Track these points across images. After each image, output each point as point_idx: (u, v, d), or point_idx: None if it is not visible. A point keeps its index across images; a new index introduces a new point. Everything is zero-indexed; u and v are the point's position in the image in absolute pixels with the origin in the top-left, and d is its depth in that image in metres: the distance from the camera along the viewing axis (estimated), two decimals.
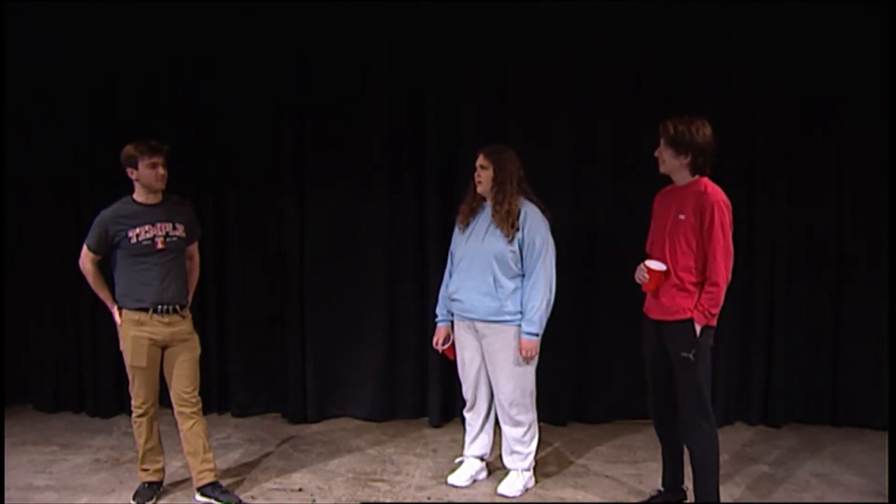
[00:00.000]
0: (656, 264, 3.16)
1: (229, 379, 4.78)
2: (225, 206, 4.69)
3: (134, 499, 3.51)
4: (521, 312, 3.51)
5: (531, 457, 3.65)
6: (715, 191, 3.06)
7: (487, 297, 3.52)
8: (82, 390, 4.81)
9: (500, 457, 3.75)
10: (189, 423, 3.46)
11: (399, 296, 4.65)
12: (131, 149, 3.35)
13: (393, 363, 4.69)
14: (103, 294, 3.47)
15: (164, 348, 3.44)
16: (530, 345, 3.49)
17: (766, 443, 4.33)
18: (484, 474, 3.79)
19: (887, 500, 3.51)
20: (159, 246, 3.38)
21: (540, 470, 3.85)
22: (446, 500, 3.57)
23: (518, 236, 3.49)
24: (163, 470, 3.61)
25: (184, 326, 3.47)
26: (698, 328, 3.06)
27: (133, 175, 3.36)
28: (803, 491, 3.67)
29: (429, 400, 4.63)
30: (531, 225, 3.51)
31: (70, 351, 4.80)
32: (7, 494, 3.59)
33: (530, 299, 3.49)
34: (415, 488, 3.70)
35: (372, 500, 3.57)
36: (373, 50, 4.54)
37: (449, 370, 4.32)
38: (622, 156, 4.51)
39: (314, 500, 3.57)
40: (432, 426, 4.58)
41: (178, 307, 3.44)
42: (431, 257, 4.50)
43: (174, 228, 3.44)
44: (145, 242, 3.35)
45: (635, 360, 4.56)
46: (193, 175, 4.64)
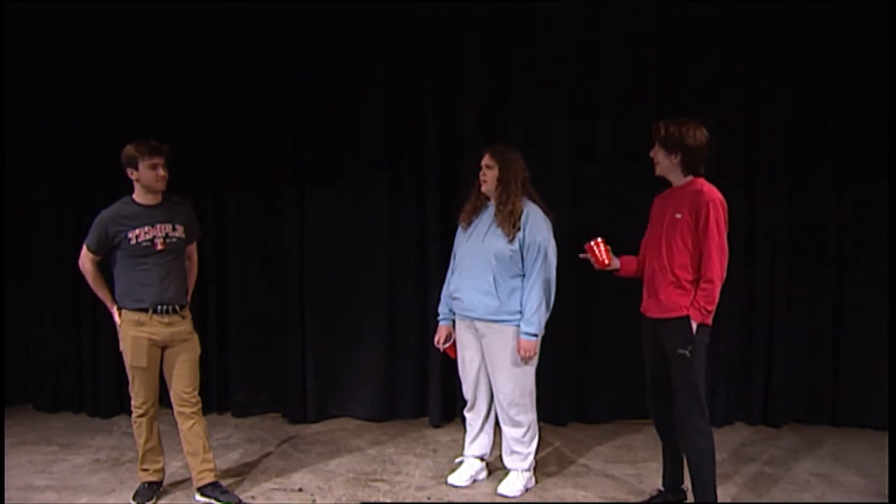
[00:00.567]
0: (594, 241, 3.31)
1: (229, 379, 4.78)
2: (225, 206, 4.69)
3: (134, 499, 3.51)
4: (520, 312, 3.52)
5: (531, 457, 3.65)
6: (710, 190, 3.11)
7: (487, 296, 3.52)
8: (82, 390, 4.81)
9: (500, 457, 3.74)
10: (189, 423, 3.46)
11: (399, 296, 4.65)
12: (131, 149, 3.34)
13: (393, 363, 4.69)
14: (103, 294, 3.47)
15: (163, 348, 3.44)
16: (529, 345, 3.49)
17: (766, 443, 4.33)
18: (484, 474, 3.79)
19: (887, 500, 3.51)
20: (159, 247, 3.38)
21: (540, 470, 3.85)
22: (446, 500, 3.57)
23: (519, 236, 3.49)
24: (163, 470, 3.61)
25: (184, 326, 3.47)
26: (694, 325, 3.09)
27: (133, 175, 3.36)
28: (803, 491, 3.67)
29: (429, 400, 4.63)
30: (533, 226, 3.51)
31: (70, 351, 4.81)
32: (7, 494, 3.59)
33: (529, 300, 3.49)
34: (415, 488, 3.70)
35: (372, 500, 3.57)
36: (373, 50, 4.54)
37: (449, 370, 4.32)
38: (622, 156, 4.50)
39: (314, 500, 3.57)
40: (433, 426, 4.59)
41: (177, 307, 3.44)
42: (431, 257, 4.50)
43: (174, 229, 3.43)
44: (145, 243, 3.35)
45: (635, 360, 4.56)
46: (193, 175, 4.64)
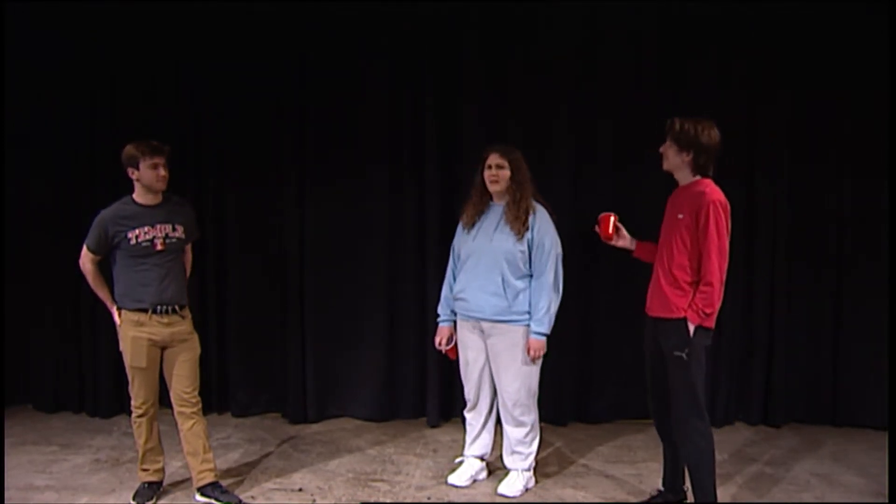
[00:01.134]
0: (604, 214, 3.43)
1: (229, 379, 4.78)
2: (225, 206, 4.69)
3: (134, 499, 3.51)
4: (528, 312, 3.51)
5: (532, 457, 3.65)
6: (713, 191, 3.08)
7: (495, 296, 3.51)
8: (82, 390, 4.81)
9: (500, 457, 3.75)
10: (189, 423, 3.46)
11: (399, 296, 4.65)
12: (132, 149, 3.34)
13: (393, 363, 4.69)
14: (103, 294, 3.47)
15: (163, 349, 3.43)
16: (539, 344, 3.50)
17: (766, 443, 4.33)
18: (484, 474, 3.79)
19: (887, 500, 3.51)
20: (158, 247, 3.38)
21: (540, 470, 3.85)
22: (446, 500, 3.57)
23: (528, 236, 3.49)
24: (163, 470, 3.61)
25: (183, 326, 3.47)
26: (692, 328, 3.07)
27: (134, 175, 3.36)
28: (803, 491, 3.67)
29: (427, 400, 4.62)
30: (541, 226, 3.52)
31: (70, 351, 4.80)
32: (7, 494, 3.59)
33: (540, 299, 3.49)
34: (415, 488, 3.70)
35: (372, 500, 3.57)
36: (373, 50, 4.54)
37: (448, 370, 4.33)
38: (622, 155, 4.51)
39: (314, 500, 3.57)
40: (430, 426, 4.59)
41: (177, 307, 3.44)
42: (431, 257, 4.50)
43: (173, 230, 3.43)
44: (145, 244, 3.35)
45: (636, 360, 4.56)
46: (193, 175, 4.64)
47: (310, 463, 4.03)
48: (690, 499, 3.32)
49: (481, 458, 3.78)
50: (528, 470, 3.67)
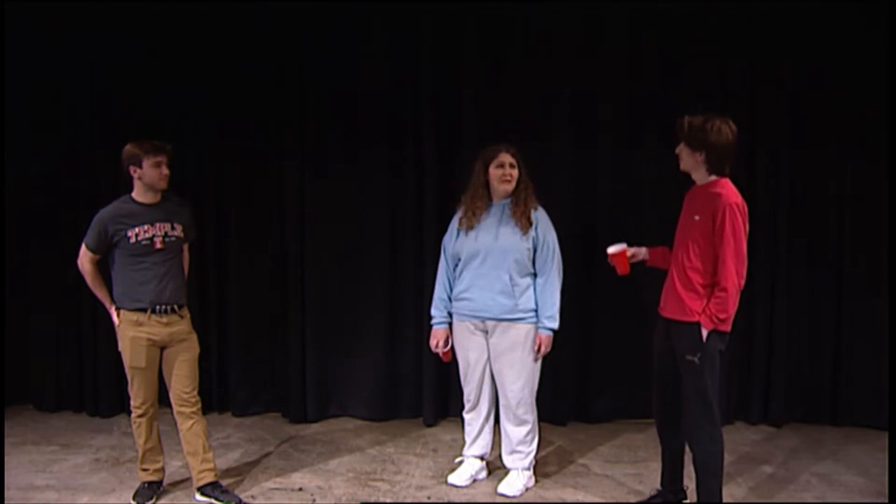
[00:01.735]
0: (614, 247, 3.30)
1: (229, 378, 4.78)
2: (225, 205, 4.68)
3: (134, 499, 3.51)
4: (532, 310, 3.52)
5: (532, 456, 3.65)
6: (730, 193, 3.00)
7: (502, 295, 3.50)
8: (82, 390, 4.81)
9: (499, 456, 3.74)
10: (189, 422, 3.46)
11: (399, 295, 4.65)
12: (135, 147, 3.34)
13: (393, 363, 4.69)
14: (101, 294, 3.47)
15: (162, 348, 3.43)
16: (549, 340, 3.53)
17: (766, 443, 4.33)
18: (484, 474, 3.79)
19: (887, 500, 3.51)
20: (158, 246, 3.38)
21: (540, 470, 3.85)
22: (446, 500, 3.57)
23: (532, 233, 3.51)
24: (163, 470, 3.61)
25: (182, 326, 3.46)
26: (705, 333, 3.03)
27: (136, 174, 3.35)
28: (804, 491, 3.67)
29: (424, 399, 4.62)
30: (544, 224, 3.55)
31: (70, 351, 4.81)
32: (7, 494, 3.59)
33: (551, 295, 3.51)
34: (415, 488, 3.70)
35: (372, 500, 3.56)
36: (372, 48, 4.54)
37: (443, 368, 4.32)
38: (623, 154, 4.50)
39: (314, 500, 3.57)
40: (426, 425, 4.59)
41: (176, 307, 3.43)
42: (431, 257, 4.49)
43: (172, 228, 3.43)
44: (144, 242, 3.35)
45: (636, 360, 4.58)
46: (195, 175, 4.64)
47: (310, 463, 4.03)
48: (691, 498, 3.32)
49: (481, 458, 3.78)
50: (528, 469, 3.67)
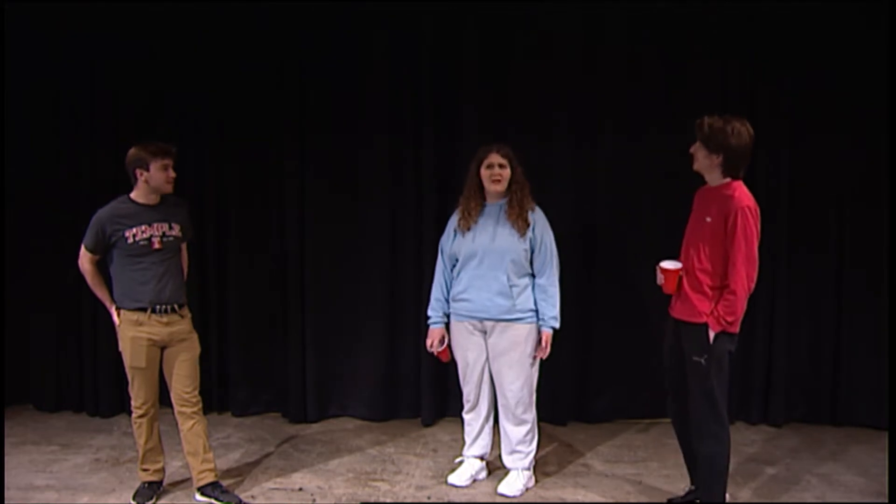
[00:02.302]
0: (670, 263, 3.16)
1: (229, 378, 4.77)
2: (225, 205, 4.68)
3: (134, 499, 3.51)
4: (531, 310, 3.53)
5: (531, 456, 3.66)
6: (742, 196, 2.99)
7: (500, 296, 3.51)
8: (82, 390, 4.81)
9: (499, 456, 3.75)
10: (189, 422, 3.46)
11: (399, 296, 4.65)
12: (141, 150, 3.33)
13: (393, 363, 4.69)
14: (101, 294, 3.47)
15: (163, 348, 3.44)
16: (549, 338, 3.55)
17: (766, 442, 4.33)
18: (484, 474, 3.79)
19: (887, 500, 3.51)
20: (156, 246, 3.38)
21: (540, 470, 3.85)
22: (446, 500, 3.57)
23: (529, 234, 3.51)
24: (163, 470, 3.61)
25: (183, 326, 3.46)
26: (712, 335, 3.03)
27: (143, 177, 3.34)
28: (804, 491, 3.67)
29: (424, 400, 4.62)
30: (541, 224, 3.55)
31: (70, 351, 4.80)
32: (7, 494, 3.59)
33: (554, 294, 3.53)
34: (415, 488, 3.70)
35: (372, 500, 3.57)
36: (372, 48, 4.54)
37: (442, 368, 4.32)
38: (622, 154, 4.50)
39: (314, 500, 3.57)
40: (426, 425, 4.59)
41: (176, 307, 3.44)
42: (431, 257, 4.48)
43: (170, 228, 3.43)
44: (142, 242, 3.35)
45: (636, 360, 4.58)
46: (195, 175, 4.63)
47: (310, 463, 4.03)
48: (742, 498, 3.32)
49: (481, 458, 3.78)
50: (528, 469, 3.67)
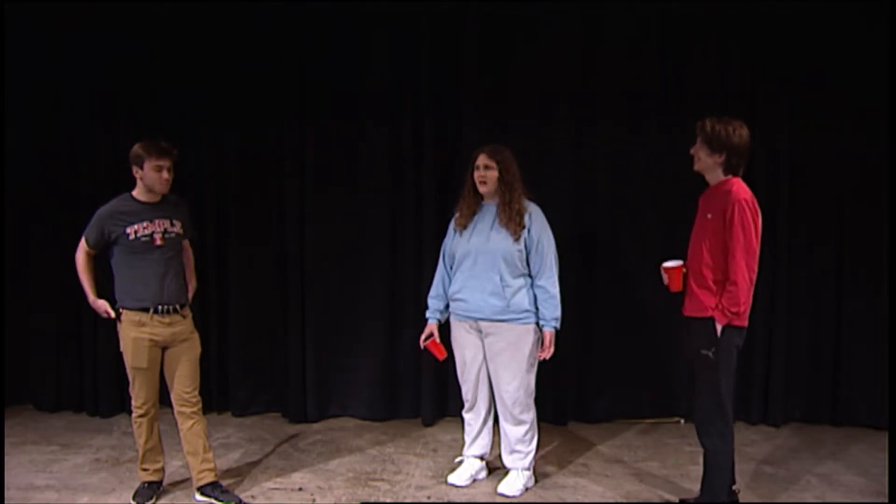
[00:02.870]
0: (671, 262, 3.23)
1: (229, 378, 4.78)
2: (225, 205, 4.69)
3: (134, 498, 3.51)
4: (526, 311, 3.52)
5: (531, 456, 3.66)
6: (739, 190, 3.06)
7: (494, 296, 3.51)
8: (82, 390, 4.82)
9: (499, 456, 3.75)
10: (189, 422, 3.46)
11: (399, 295, 4.65)
12: (140, 148, 3.34)
13: (393, 363, 4.69)
14: (87, 283, 3.41)
15: (164, 348, 3.44)
16: (552, 338, 3.54)
17: (766, 442, 4.33)
18: (484, 474, 3.79)
19: (887, 500, 3.51)
20: (158, 242, 3.38)
21: (540, 469, 3.85)
22: (446, 500, 3.57)
23: (524, 236, 3.50)
24: (163, 470, 3.61)
25: (184, 326, 3.47)
26: (719, 327, 3.07)
27: (138, 174, 3.36)
28: (803, 490, 3.67)
29: (424, 399, 4.63)
30: (537, 224, 3.54)
31: (70, 351, 4.81)
32: (7, 494, 3.59)
33: (555, 295, 3.52)
34: (415, 488, 3.70)
35: (372, 500, 3.57)
36: (372, 48, 4.54)
37: (442, 368, 4.32)
38: (622, 154, 4.50)
39: (314, 500, 3.57)
40: (426, 425, 4.59)
41: (178, 306, 3.44)
42: (431, 257, 4.49)
43: (172, 225, 3.44)
44: (144, 238, 3.35)
45: (636, 360, 4.59)
46: (195, 175, 4.64)
47: (310, 463, 4.03)
48: (745, 499, 3.30)
49: (481, 458, 3.78)
50: (528, 469, 3.67)
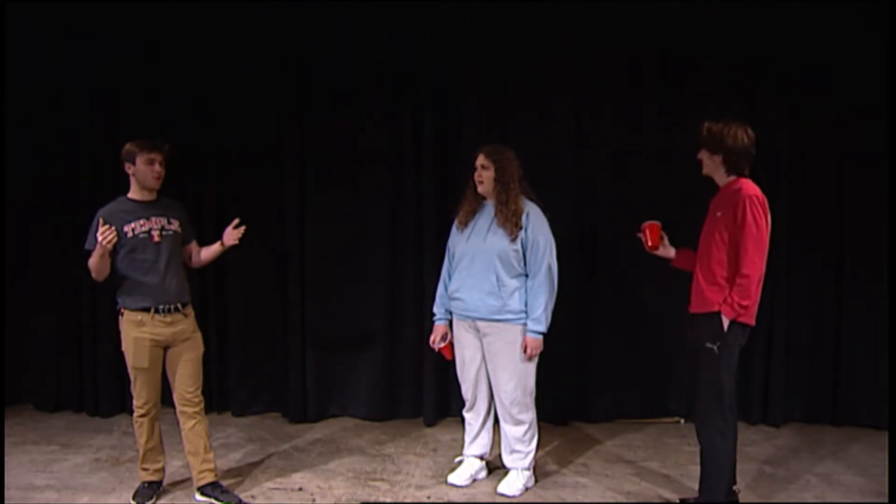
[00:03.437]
0: (650, 222, 3.46)
1: (230, 378, 4.78)
2: (225, 205, 4.67)
3: (134, 498, 3.51)
4: (523, 311, 3.51)
5: (531, 456, 3.66)
6: (749, 187, 3.11)
7: (490, 296, 3.51)
8: (82, 390, 4.81)
9: (499, 456, 3.75)
10: (191, 422, 3.46)
11: (399, 296, 4.65)
12: (131, 145, 3.37)
13: (393, 363, 4.69)
14: (103, 262, 3.28)
15: (166, 348, 3.43)
16: (536, 343, 3.50)
17: (766, 442, 4.33)
18: (484, 473, 3.79)
19: (887, 500, 3.51)
20: (156, 239, 3.38)
21: (540, 469, 3.85)
22: (446, 500, 3.57)
23: (521, 236, 3.49)
24: (163, 469, 3.61)
25: (186, 325, 3.46)
26: (726, 322, 3.08)
27: (130, 170, 3.37)
28: (803, 490, 3.67)
29: (424, 399, 4.63)
30: (535, 224, 3.52)
31: (70, 350, 4.81)
32: (7, 494, 3.59)
33: (537, 298, 3.49)
34: (415, 488, 3.70)
35: (372, 500, 3.57)
36: (372, 48, 4.54)
37: (444, 368, 4.32)
38: (622, 154, 4.50)
39: (314, 500, 3.57)
40: (426, 425, 4.59)
41: (179, 305, 3.44)
42: (431, 257, 4.49)
43: (169, 222, 3.44)
44: (142, 235, 3.35)
45: (636, 360, 4.59)
46: (194, 175, 4.64)
47: (310, 463, 4.03)
48: (745, 499, 3.30)
49: (481, 458, 3.79)
50: (528, 469, 3.67)
